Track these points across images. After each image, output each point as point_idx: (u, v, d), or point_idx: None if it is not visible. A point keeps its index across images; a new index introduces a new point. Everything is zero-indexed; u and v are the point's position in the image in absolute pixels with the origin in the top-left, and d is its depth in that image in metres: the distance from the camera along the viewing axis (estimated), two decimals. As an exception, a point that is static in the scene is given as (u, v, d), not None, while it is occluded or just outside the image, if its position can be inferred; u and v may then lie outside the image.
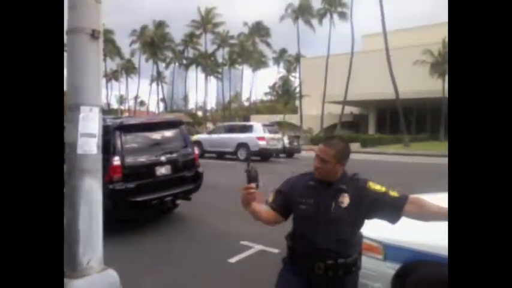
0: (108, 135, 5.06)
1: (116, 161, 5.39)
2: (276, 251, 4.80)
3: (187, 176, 6.45)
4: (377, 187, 2.13)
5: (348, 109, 44.20)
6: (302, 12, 46.40)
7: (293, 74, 67.63)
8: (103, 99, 2.37)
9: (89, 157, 2.21)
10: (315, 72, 45.41)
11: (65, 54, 2.18)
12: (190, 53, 65.08)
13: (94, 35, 2.22)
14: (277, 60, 71.45)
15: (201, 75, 66.55)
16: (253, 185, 2.11)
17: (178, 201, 6.71)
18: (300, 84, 48.03)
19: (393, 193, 2.09)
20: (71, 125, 2.19)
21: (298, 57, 52.93)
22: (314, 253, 2.10)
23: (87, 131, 2.17)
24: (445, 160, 2.95)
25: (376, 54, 37.45)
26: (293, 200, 2.18)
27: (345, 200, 2.12)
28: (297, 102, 49.40)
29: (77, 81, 2.23)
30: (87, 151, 2.18)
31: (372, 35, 45.69)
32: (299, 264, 2.17)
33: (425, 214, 2.02)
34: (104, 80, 2.48)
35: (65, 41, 2.12)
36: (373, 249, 2.83)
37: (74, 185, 2.20)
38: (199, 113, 75.17)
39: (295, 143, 20.29)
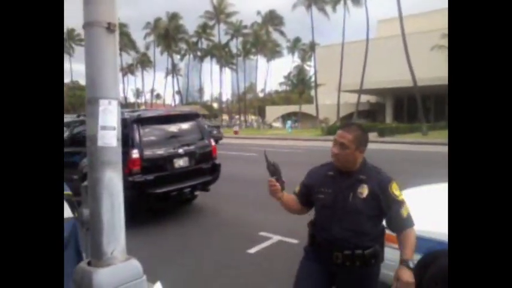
0: (126, 128, 5.12)
1: (135, 153, 5.46)
2: (294, 241, 4.82)
3: (204, 167, 6.50)
4: (398, 192, 2.11)
5: (365, 98, 43.61)
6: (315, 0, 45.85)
7: (308, 63, 67.20)
8: (120, 93, 2.39)
9: (109, 149, 2.24)
10: (330, 60, 44.93)
11: (83, 48, 2.20)
12: (204, 44, 65.29)
13: (110, 28, 2.23)
14: (291, 50, 70.98)
15: (216, 67, 66.90)
16: (273, 178, 2.23)
17: (197, 193, 6.78)
18: (315, 73, 47.62)
19: (405, 211, 2.09)
20: (91, 119, 2.22)
21: (312, 46, 52.43)
22: (331, 242, 2.11)
23: (106, 124, 2.20)
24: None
25: (392, 40, 36.83)
26: (313, 190, 2.22)
27: (364, 191, 2.10)
28: (313, 92, 49.06)
29: (95, 74, 2.25)
30: (107, 143, 2.20)
31: (388, 20, 44.91)
32: (319, 253, 2.17)
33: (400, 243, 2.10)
34: (120, 74, 2.51)
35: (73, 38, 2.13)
36: (393, 239, 2.81)
37: (96, 177, 2.22)
38: (215, 105, 75.44)
39: (215, 131, 24.40)
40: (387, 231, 2.25)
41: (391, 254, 2.41)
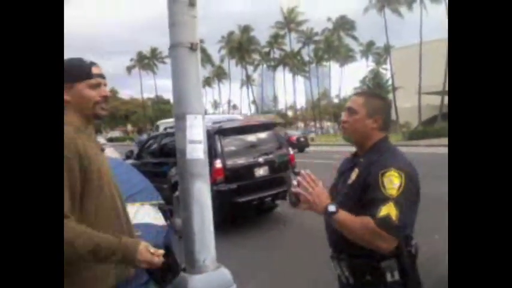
0: (208, 139, 5.33)
1: (218, 163, 5.66)
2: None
3: (284, 176, 6.54)
4: (390, 185, 1.49)
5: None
6: (388, 1, 44.11)
7: (383, 66, 64.68)
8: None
9: (197, 162, 2.34)
10: (407, 62, 42.84)
11: (164, 65, 2.34)
12: (277, 53, 65.99)
13: (192, 47, 2.36)
14: (365, 54, 69.05)
15: (289, 75, 67.10)
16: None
17: (278, 201, 6.82)
18: (392, 76, 45.76)
19: (386, 210, 1.45)
20: (179, 133, 2.34)
21: (387, 48, 50.48)
22: (329, 245, 1.79)
23: (194, 138, 2.31)
24: None
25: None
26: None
27: (353, 175, 1.65)
28: (390, 95, 47.09)
29: (181, 91, 2.37)
30: (195, 156, 2.31)
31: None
32: None
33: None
34: (201, 88, 2.63)
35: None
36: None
37: (186, 188, 2.33)
38: (290, 113, 75.71)
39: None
40: None
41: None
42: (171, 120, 6.48)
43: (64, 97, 1.56)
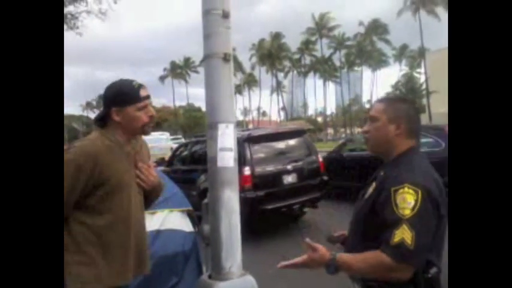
0: (237, 147, 5.40)
1: (247, 170, 5.71)
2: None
3: (313, 184, 6.50)
4: (403, 204, 1.35)
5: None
6: (423, 2, 43.11)
7: (417, 70, 63.10)
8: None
9: (227, 170, 2.37)
10: (442, 65, 41.37)
11: (196, 74, 2.41)
12: (307, 60, 65.75)
13: (226, 58, 2.40)
14: (398, 58, 67.62)
15: (319, 81, 66.70)
16: None
17: (306, 209, 6.79)
18: (426, 80, 44.48)
19: (400, 235, 1.32)
20: (211, 141, 2.39)
21: (422, 51, 49.22)
22: None
23: (225, 146, 2.35)
24: None
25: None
26: None
27: (369, 189, 1.54)
28: (424, 100, 45.85)
29: (214, 101, 2.42)
30: (225, 164, 2.35)
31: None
32: None
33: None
34: (232, 97, 2.69)
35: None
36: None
37: (216, 195, 2.37)
38: (319, 119, 75.12)
39: None
40: None
41: None
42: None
43: (114, 118, 1.72)
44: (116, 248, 1.79)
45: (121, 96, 1.77)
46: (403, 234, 1.32)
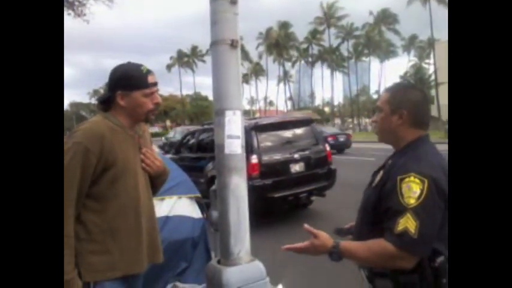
0: (244, 135, 5.41)
1: (254, 159, 5.73)
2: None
3: (320, 172, 6.51)
4: (409, 193, 1.35)
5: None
6: (434, -8, 42.58)
7: (426, 61, 62.41)
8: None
9: (235, 157, 2.38)
10: (452, 56, 41.02)
11: (203, 63, 2.41)
12: (315, 49, 65.32)
13: (233, 44, 2.38)
14: (407, 48, 66.87)
15: (327, 71, 66.31)
16: None
17: (313, 198, 6.81)
18: (435, 71, 43.99)
19: (403, 224, 1.33)
20: (218, 128, 2.39)
21: (431, 42, 48.61)
22: None
23: (232, 133, 2.35)
24: None
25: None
26: None
27: (377, 178, 1.56)
28: (433, 91, 45.40)
29: (221, 88, 2.41)
30: (232, 151, 2.35)
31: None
32: None
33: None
34: (240, 85, 2.69)
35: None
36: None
37: (223, 182, 2.38)
38: (327, 109, 74.82)
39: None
40: None
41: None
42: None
43: (119, 102, 1.69)
44: (128, 235, 1.75)
45: (128, 81, 1.71)
46: (407, 223, 1.32)
